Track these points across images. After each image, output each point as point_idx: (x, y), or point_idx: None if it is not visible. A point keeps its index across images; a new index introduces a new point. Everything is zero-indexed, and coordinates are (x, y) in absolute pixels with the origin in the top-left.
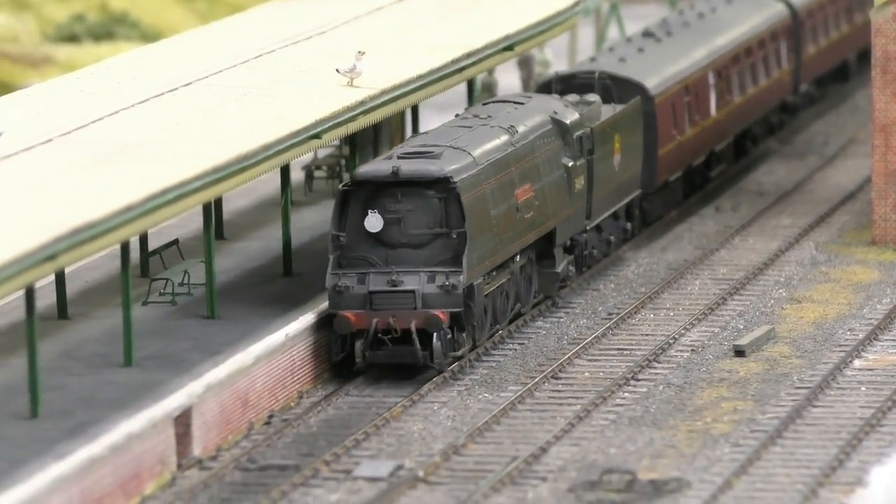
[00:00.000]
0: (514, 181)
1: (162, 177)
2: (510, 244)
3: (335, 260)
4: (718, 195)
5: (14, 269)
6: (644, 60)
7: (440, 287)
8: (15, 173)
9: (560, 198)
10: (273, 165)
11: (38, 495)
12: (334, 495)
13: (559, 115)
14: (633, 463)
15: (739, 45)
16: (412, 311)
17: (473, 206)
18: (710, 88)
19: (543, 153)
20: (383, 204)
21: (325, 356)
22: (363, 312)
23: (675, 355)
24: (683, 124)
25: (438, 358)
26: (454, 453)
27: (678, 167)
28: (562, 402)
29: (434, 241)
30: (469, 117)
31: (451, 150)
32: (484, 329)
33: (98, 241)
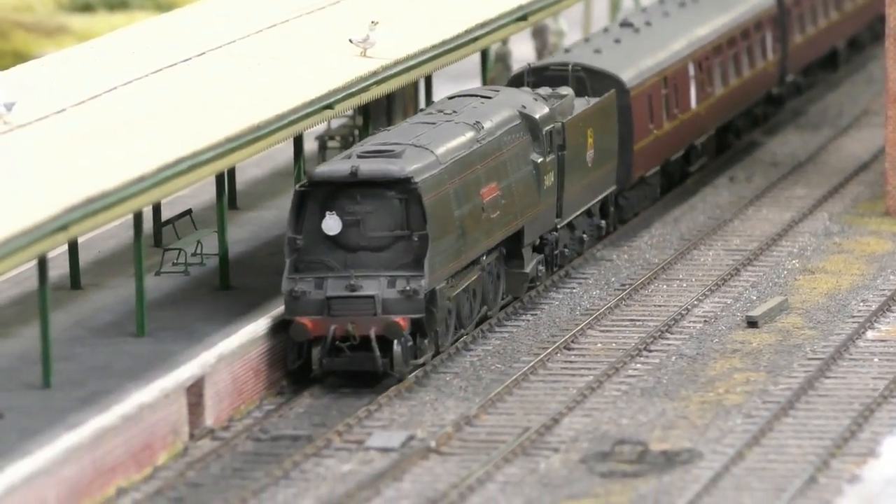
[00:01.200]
0: (479, 180)
1: (175, 147)
2: (475, 246)
3: (291, 264)
4: (732, 166)
5: (26, 240)
6: (620, 52)
7: (401, 292)
8: (28, 143)
9: (528, 196)
10: (286, 136)
11: (51, 465)
12: (346, 465)
13: (528, 110)
14: (645, 434)
15: (722, 35)
16: (372, 318)
17: (436, 207)
18: (691, 80)
19: (511, 150)
20: (342, 205)
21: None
22: (321, 319)
23: (687, 326)
24: (661, 118)
25: (399, 366)
26: (466, 424)
27: (655, 162)
28: (574, 372)
29: (395, 244)
30: (433, 113)
31: (413, 149)
32: (448, 334)
33: (111, 211)
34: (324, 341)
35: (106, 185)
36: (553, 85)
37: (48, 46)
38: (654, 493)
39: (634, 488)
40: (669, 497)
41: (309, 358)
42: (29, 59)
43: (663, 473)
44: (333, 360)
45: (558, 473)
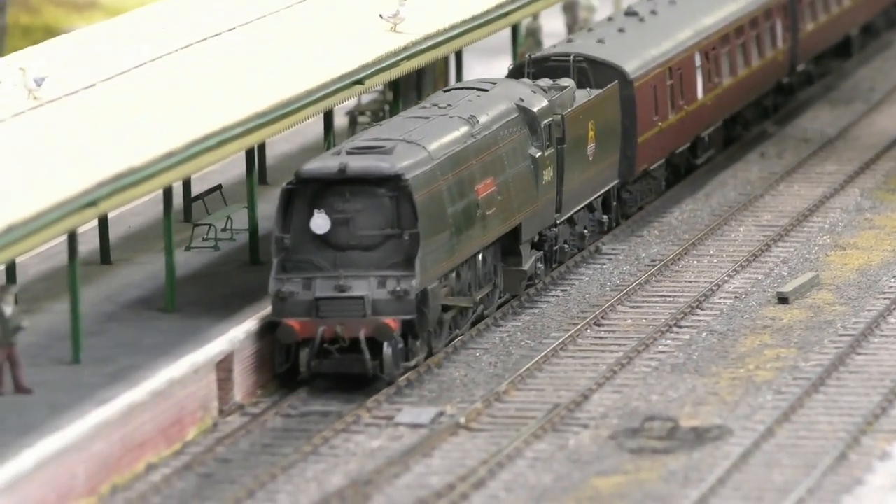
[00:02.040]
0: (474, 176)
1: (204, 122)
2: (470, 244)
3: (279, 263)
4: (764, 141)
5: (56, 215)
6: (624, 42)
7: (391, 293)
8: (58, 118)
9: (526, 191)
10: (316, 111)
11: (80, 441)
12: (376, 441)
13: (526, 103)
14: (675, 410)
15: (729, 24)
16: (361, 319)
17: (427, 204)
18: (697, 71)
19: (508, 144)
20: (330, 203)
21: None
22: (309, 320)
23: (718, 302)
24: (666, 110)
25: (389, 368)
26: (496, 400)
27: (660, 155)
28: (604, 348)
29: (385, 243)
30: (427, 107)
31: (404, 145)
32: (441, 335)
33: (140, 186)
34: (312, 343)
35: (135, 160)
36: (554, 76)
37: (78, 21)
38: (684, 470)
39: (664, 465)
40: (699, 474)
41: (296, 361)
42: (59, 35)
43: (693, 450)
44: (322, 362)
45: (588, 450)
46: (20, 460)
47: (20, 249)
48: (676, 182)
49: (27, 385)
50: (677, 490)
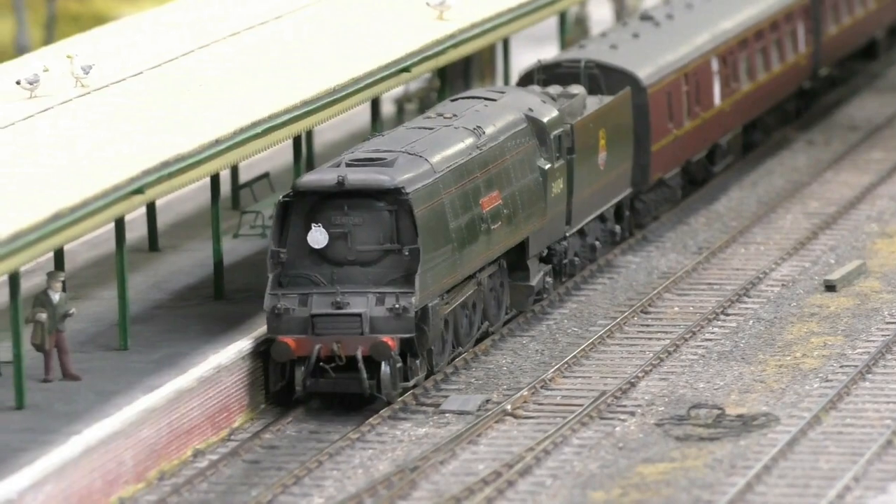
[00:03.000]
0: (479, 189)
1: (252, 109)
2: (473, 259)
3: (275, 279)
4: (811, 129)
5: (104, 202)
6: (638, 47)
7: (390, 310)
8: (106, 106)
9: (534, 204)
10: (363, 98)
11: (127, 427)
12: (422, 429)
13: (535, 113)
14: (721, 398)
15: (748, 28)
16: (358, 337)
17: (429, 218)
18: (714, 76)
19: (515, 155)
20: (328, 217)
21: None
22: (304, 338)
23: (765, 290)
24: (681, 117)
25: (387, 388)
26: (542, 387)
27: (675, 163)
28: (651, 336)
29: (384, 259)
30: (432, 117)
31: (406, 157)
32: (444, 354)
33: (188, 173)
34: (307, 362)
35: (183, 148)
36: (565, 82)
37: (127, 9)
38: (731, 458)
39: (710, 452)
40: (746, 461)
41: (292, 380)
42: (107, 22)
43: (739, 437)
44: (318, 381)
45: (634, 437)
46: (68, 447)
47: (68, 237)
48: (693, 191)
49: (75, 372)
50: (723, 478)
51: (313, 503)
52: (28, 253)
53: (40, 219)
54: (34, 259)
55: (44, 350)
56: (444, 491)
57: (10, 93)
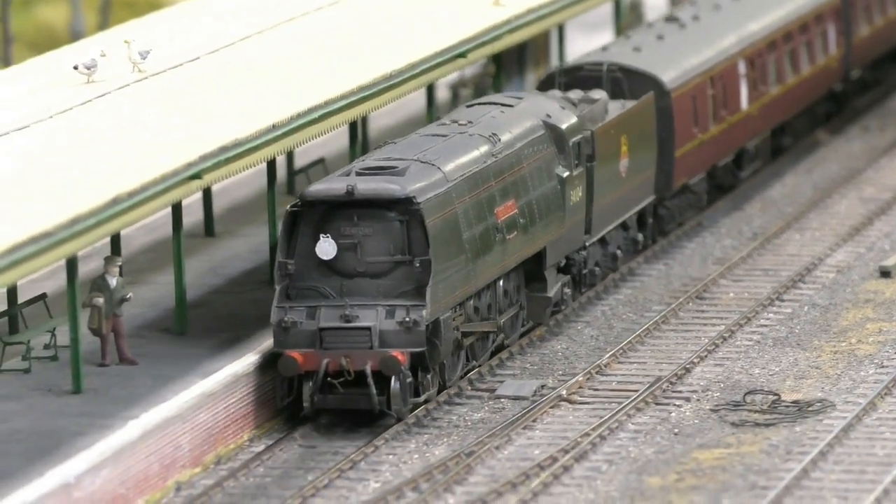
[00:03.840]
0: (494, 198)
1: (308, 95)
2: (488, 270)
3: (282, 291)
4: (865, 115)
5: (161, 187)
6: (662, 50)
7: (400, 323)
8: (162, 91)
9: (552, 213)
10: (419, 84)
11: (185, 412)
12: (478, 414)
13: (553, 119)
14: (776, 384)
15: (777, 29)
16: (367, 351)
17: (441, 229)
18: (741, 79)
19: (532, 163)
20: (337, 227)
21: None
22: (312, 352)
23: (820, 276)
24: (707, 121)
25: (397, 404)
26: (597, 373)
27: (700, 168)
28: (706, 322)
29: (395, 270)
30: (447, 123)
31: (418, 165)
32: (456, 368)
33: (244, 159)
34: (315, 377)
35: (239, 133)
36: (587, 86)
37: None
38: (786, 443)
39: (766, 438)
40: (801, 447)
41: (299, 395)
42: (163, 8)
43: (795, 423)
44: (326, 397)
45: (690, 423)
46: (125, 431)
47: (125, 222)
48: (719, 196)
49: (132, 356)
50: (779, 463)
51: (370, 488)
52: (86, 238)
53: (98, 204)
54: (92, 244)
55: (101, 334)
56: (500, 476)
57: (68, 78)
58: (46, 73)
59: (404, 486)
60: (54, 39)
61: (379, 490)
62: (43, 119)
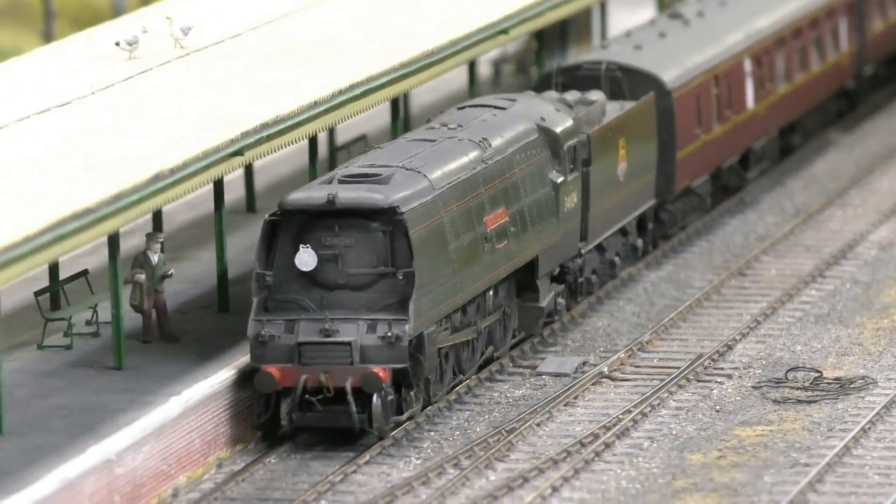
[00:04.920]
0: (483, 206)
1: (350, 72)
2: (476, 281)
3: (260, 303)
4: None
5: (203, 164)
6: (664, 48)
7: (382, 338)
8: (205, 68)
9: (545, 220)
10: (461, 61)
11: (224, 390)
12: (519, 391)
13: (547, 122)
14: (819, 360)
15: (785, 25)
16: (348, 367)
17: (426, 240)
18: (747, 78)
19: (525, 169)
20: (318, 237)
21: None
22: (290, 367)
23: (862, 252)
24: (710, 121)
25: (378, 422)
26: (639, 350)
27: (703, 170)
28: (748, 299)
29: (377, 283)
30: (436, 127)
31: (403, 173)
32: (443, 382)
33: (286, 135)
34: (293, 393)
35: (281, 109)
36: (585, 86)
37: None
38: (828, 420)
39: (808, 415)
40: (843, 424)
41: (277, 412)
42: None
43: (837, 400)
44: (304, 415)
45: (731, 399)
46: (167, 407)
47: (167, 198)
48: (725, 198)
49: (174, 332)
50: (821, 440)
51: (411, 464)
52: (128, 214)
53: (140, 180)
54: (134, 220)
55: (142, 311)
56: (541, 452)
57: (109, 54)
58: (88, 49)
59: (446, 462)
60: (96, 16)
61: (420, 466)
62: (85, 96)
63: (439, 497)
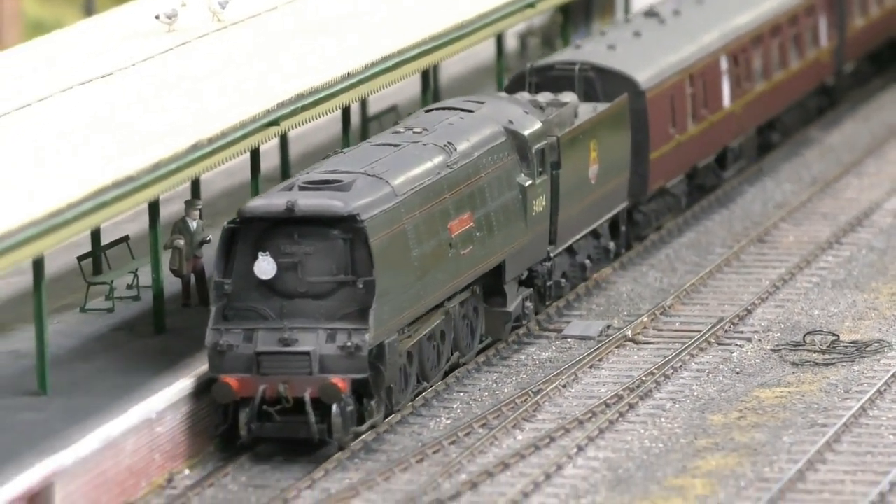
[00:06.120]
0: (447, 211)
1: (381, 45)
2: (440, 288)
3: (218, 312)
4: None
5: (240, 133)
6: (638, 47)
7: (341, 348)
8: (242, 40)
9: (512, 224)
10: (489, 34)
11: None
12: (546, 353)
13: (515, 125)
14: (835, 324)
15: (763, 23)
16: (307, 377)
17: (387, 247)
18: (723, 76)
19: (492, 172)
20: (277, 245)
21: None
22: (249, 377)
23: (877, 220)
24: (685, 121)
25: (338, 433)
26: (661, 314)
27: (678, 171)
28: (767, 264)
29: (338, 291)
30: (401, 131)
31: (365, 179)
32: (406, 390)
33: (320, 106)
34: (252, 404)
35: (315, 81)
36: (559, 87)
37: None
38: (845, 382)
39: (825, 377)
40: (859, 386)
41: (235, 422)
42: None
43: (853, 363)
44: (263, 425)
45: (751, 362)
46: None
47: (205, 166)
48: (701, 197)
49: None
50: (838, 402)
51: (441, 424)
52: (167, 182)
53: (179, 149)
54: (173, 188)
55: (182, 275)
56: (567, 413)
57: (149, 27)
58: (128, 22)
59: (474, 422)
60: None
61: (450, 426)
62: (126, 68)
63: (468, 455)
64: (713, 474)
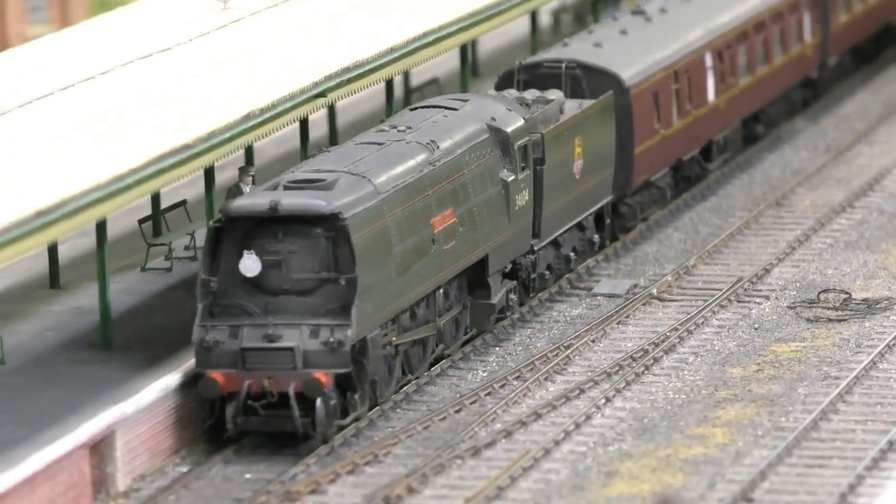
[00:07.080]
0: (430, 208)
1: (423, 20)
2: (422, 283)
3: (205, 309)
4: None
5: (290, 104)
6: (624, 45)
7: (324, 343)
8: (292, 17)
9: (494, 219)
10: (524, 11)
11: None
12: (576, 310)
13: (498, 122)
14: (848, 283)
15: (748, 20)
16: (291, 372)
17: (369, 245)
18: (708, 72)
19: (475, 169)
20: (261, 244)
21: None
22: (234, 372)
23: (888, 185)
24: (670, 116)
25: (322, 426)
26: (685, 273)
27: (663, 164)
28: (784, 227)
29: (321, 288)
30: (385, 130)
31: (348, 178)
32: (390, 384)
33: (365, 78)
34: (237, 398)
35: (361, 55)
36: (546, 84)
37: None
38: (856, 337)
39: (838, 332)
40: (870, 340)
41: (222, 416)
42: None
43: (864, 319)
44: (249, 419)
45: (768, 318)
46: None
47: (257, 135)
48: (687, 189)
49: None
50: (849, 355)
51: (478, 377)
52: (222, 150)
53: (233, 119)
54: (228, 155)
55: None
56: (596, 366)
57: (206, 4)
58: (187, 1)
59: (509, 375)
60: None
61: (486, 378)
62: (183, 43)
63: (503, 406)
64: (732, 424)
